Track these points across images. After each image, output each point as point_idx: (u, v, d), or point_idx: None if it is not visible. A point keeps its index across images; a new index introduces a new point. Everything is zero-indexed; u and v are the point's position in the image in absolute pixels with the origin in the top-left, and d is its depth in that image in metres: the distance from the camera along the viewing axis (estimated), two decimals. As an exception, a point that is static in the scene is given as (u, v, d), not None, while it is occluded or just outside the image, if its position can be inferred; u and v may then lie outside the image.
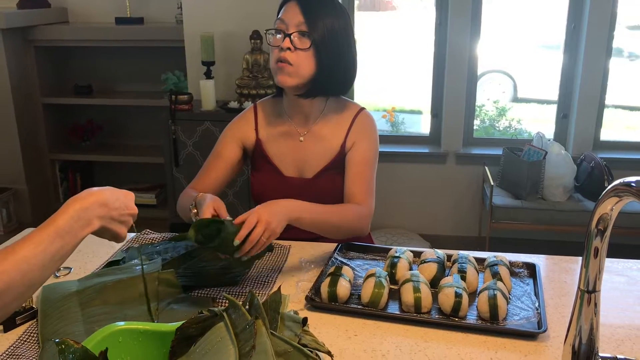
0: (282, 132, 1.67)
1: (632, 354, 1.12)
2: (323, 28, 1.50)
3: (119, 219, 1.07)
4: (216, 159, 1.68)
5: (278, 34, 1.53)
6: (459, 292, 1.24)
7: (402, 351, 1.13)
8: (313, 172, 1.65)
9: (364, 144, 1.64)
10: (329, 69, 1.54)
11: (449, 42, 3.63)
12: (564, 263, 1.53)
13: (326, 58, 1.52)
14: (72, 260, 1.52)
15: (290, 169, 1.67)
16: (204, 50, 3.38)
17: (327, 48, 1.52)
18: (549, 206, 3.31)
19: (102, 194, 1.05)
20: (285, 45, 1.50)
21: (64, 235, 0.97)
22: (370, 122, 1.68)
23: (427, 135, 3.94)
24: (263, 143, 1.68)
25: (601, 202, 0.84)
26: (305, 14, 1.49)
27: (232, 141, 1.69)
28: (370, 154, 1.65)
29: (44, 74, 4.04)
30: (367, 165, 1.63)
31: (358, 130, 1.65)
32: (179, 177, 3.42)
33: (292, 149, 1.66)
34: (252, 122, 1.70)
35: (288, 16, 1.51)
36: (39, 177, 4.08)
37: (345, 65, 1.59)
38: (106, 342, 0.93)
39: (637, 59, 5.99)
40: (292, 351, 0.89)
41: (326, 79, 1.56)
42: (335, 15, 1.53)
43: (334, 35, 1.52)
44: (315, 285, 1.34)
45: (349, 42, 1.58)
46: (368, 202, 1.60)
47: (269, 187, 1.67)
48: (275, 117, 1.69)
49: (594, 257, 0.87)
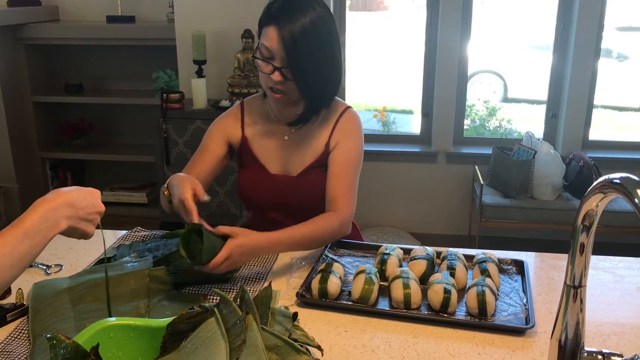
0: (267, 130, 1.68)
1: (618, 348, 1.14)
2: (306, 58, 1.47)
3: (86, 217, 1.08)
4: (202, 153, 1.69)
5: (265, 62, 1.50)
6: (448, 288, 1.26)
7: (391, 347, 1.14)
8: (298, 170, 1.65)
9: (347, 143, 1.63)
10: (317, 92, 1.55)
11: (439, 42, 3.65)
12: (552, 260, 1.55)
13: (313, 83, 1.52)
14: (63, 258, 1.53)
15: (275, 166, 1.67)
16: (195, 48, 3.38)
17: (311, 76, 1.51)
18: (538, 205, 3.33)
19: (69, 194, 1.06)
20: (275, 78, 1.49)
21: (32, 236, 0.98)
22: (354, 121, 1.67)
23: (417, 134, 3.96)
24: (249, 140, 1.69)
25: (587, 199, 0.85)
26: (286, 48, 1.45)
27: (218, 137, 1.70)
28: (353, 154, 1.63)
29: (35, 72, 4.02)
30: (350, 166, 1.62)
31: (342, 130, 1.64)
32: (170, 175, 3.41)
33: (277, 147, 1.67)
34: (239, 119, 1.71)
35: (272, 45, 1.47)
36: (30, 176, 4.06)
37: (332, 82, 1.58)
38: (97, 338, 0.93)
39: (625, 60, 6.04)
40: (283, 345, 0.90)
41: (314, 100, 1.57)
42: (317, 33, 1.48)
43: (319, 60, 1.50)
44: (306, 282, 1.35)
45: (333, 55, 1.54)
46: (347, 205, 1.58)
47: (255, 184, 1.68)
48: (261, 116, 1.69)
49: (579, 253, 0.88)
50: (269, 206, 1.68)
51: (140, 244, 1.56)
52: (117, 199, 4.07)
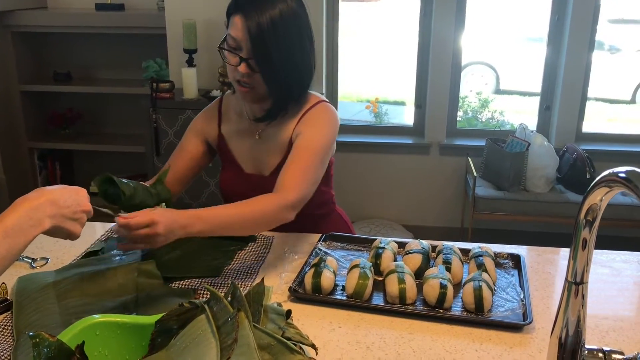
0: (241, 128, 1.63)
1: (617, 344, 1.12)
2: (273, 50, 1.40)
3: (71, 217, 1.05)
4: (179, 152, 1.66)
5: (232, 52, 1.44)
6: (444, 283, 1.23)
7: (386, 343, 1.12)
8: (270, 169, 1.60)
9: (309, 131, 1.52)
10: (283, 86, 1.48)
11: (433, 33, 3.62)
12: (547, 254, 1.53)
13: (279, 76, 1.45)
14: (49, 251, 1.49)
15: (249, 166, 1.63)
16: (186, 37, 3.32)
17: (278, 69, 1.44)
18: (532, 197, 3.32)
19: (52, 192, 1.03)
20: (241, 70, 1.43)
21: (13, 235, 0.95)
22: (323, 113, 1.56)
23: (410, 126, 3.93)
24: (225, 138, 1.65)
25: (590, 193, 0.82)
26: (252, 38, 1.39)
27: (195, 135, 1.67)
28: (316, 142, 1.50)
29: (22, 60, 3.95)
30: (308, 152, 1.48)
31: (306, 121, 1.55)
32: (160, 167, 3.35)
33: (250, 146, 1.62)
34: (216, 117, 1.67)
35: (238, 35, 1.41)
36: (17, 166, 4.00)
37: (300, 76, 1.51)
38: (83, 336, 0.90)
39: (617, 52, 6.04)
40: (276, 345, 0.87)
41: (280, 95, 1.50)
42: (285, 25, 1.41)
43: (286, 53, 1.43)
44: (298, 277, 1.32)
45: (302, 48, 1.47)
46: (293, 188, 1.41)
47: (233, 184, 1.65)
48: (236, 114, 1.64)
49: (582, 248, 0.85)
50: None
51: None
52: (106, 190, 4.01)
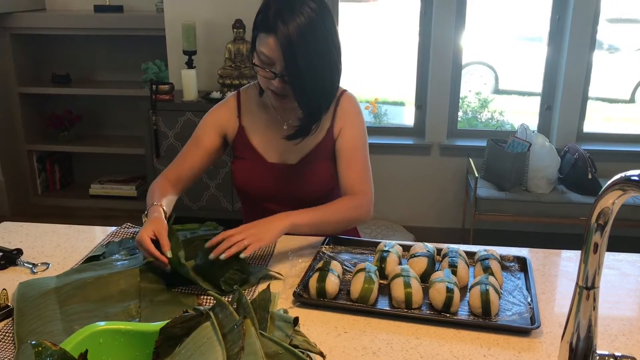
0: (265, 119, 1.63)
1: (627, 349, 1.11)
2: (305, 62, 1.40)
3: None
4: (194, 147, 1.64)
5: (265, 69, 1.44)
6: (451, 287, 1.21)
7: (393, 349, 1.10)
8: (297, 157, 1.61)
9: (350, 129, 1.62)
10: (315, 98, 1.48)
11: (433, 33, 3.60)
12: (553, 257, 1.51)
13: (311, 90, 1.45)
14: (50, 256, 1.47)
15: (273, 155, 1.63)
16: (185, 39, 3.31)
17: (310, 81, 1.44)
18: (533, 198, 3.31)
19: None
20: (276, 84, 1.44)
21: None
22: (354, 104, 1.65)
23: (411, 126, 3.92)
24: (246, 130, 1.64)
25: (602, 196, 0.81)
26: (285, 55, 1.38)
27: (213, 129, 1.65)
28: (358, 137, 1.63)
29: (21, 62, 3.94)
30: (358, 151, 1.62)
31: (343, 115, 1.62)
32: (160, 169, 3.34)
33: (276, 136, 1.62)
34: (235, 109, 1.66)
35: (272, 54, 1.41)
36: (16, 168, 3.99)
37: (332, 87, 1.53)
38: (86, 344, 0.88)
39: (616, 52, 6.03)
40: (284, 353, 0.85)
41: (313, 108, 1.50)
42: (314, 33, 1.41)
43: (319, 69, 1.44)
44: (303, 281, 1.30)
45: (330, 55, 1.48)
46: (365, 189, 1.60)
47: (253, 174, 1.63)
48: (259, 106, 1.64)
49: (593, 252, 0.84)
50: (266, 197, 1.63)
51: (131, 241, 1.51)
52: (105, 192, 4.00)
